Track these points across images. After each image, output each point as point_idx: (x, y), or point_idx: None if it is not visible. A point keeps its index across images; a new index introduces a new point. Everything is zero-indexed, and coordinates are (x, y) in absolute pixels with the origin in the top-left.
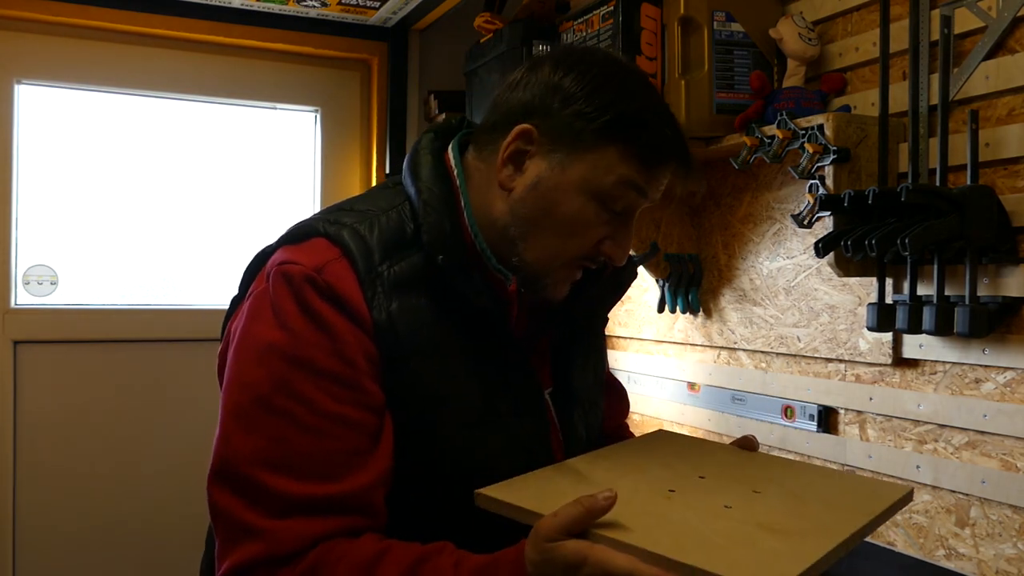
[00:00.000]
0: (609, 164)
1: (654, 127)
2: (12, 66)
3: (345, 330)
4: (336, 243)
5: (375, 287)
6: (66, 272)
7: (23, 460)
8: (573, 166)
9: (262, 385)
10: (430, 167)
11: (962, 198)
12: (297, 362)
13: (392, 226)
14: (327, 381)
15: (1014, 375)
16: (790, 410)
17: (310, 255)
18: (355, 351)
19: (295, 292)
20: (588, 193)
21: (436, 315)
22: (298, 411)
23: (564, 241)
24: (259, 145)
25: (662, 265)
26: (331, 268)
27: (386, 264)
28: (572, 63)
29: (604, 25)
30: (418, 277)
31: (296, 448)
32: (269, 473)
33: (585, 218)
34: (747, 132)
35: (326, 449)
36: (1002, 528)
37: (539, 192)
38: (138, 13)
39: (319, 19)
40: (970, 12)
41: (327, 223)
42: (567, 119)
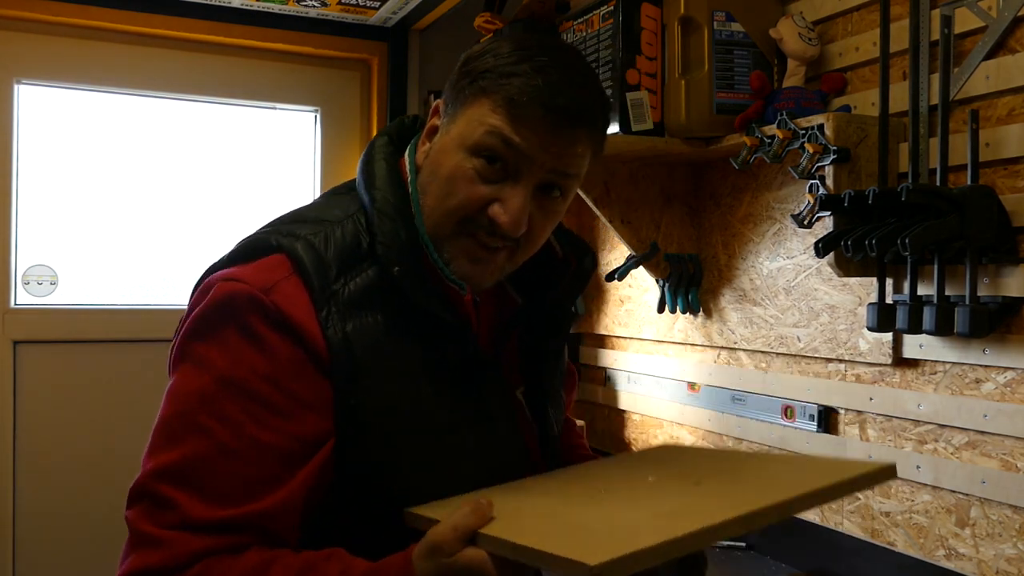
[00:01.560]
0: (480, 116)
1: (524, 76)
2: (12, 66)
3: (288, 356)
4: (290, 257)
5: (329, 306)
6: (66, 272)
7: (23, 460)
8: (455, 124)
9: (191, 400)
10: (384, 174)
11: (962, 198)
12: (228, 383)
13: (347, 238)
14: (256, 405)
15: (1014, 375)
16: (790, 410)
17: (259, 273)
18: (294, 378)
19: (236, 312)
20: (464, 149)
21: (394, 331)
22: (219, 431)
23: (447, 198)
24: (259, 145)
25: (662, 265)
26: (282, 288)
27: (341, 280)
28: (495, 38)
29: (604, 25)
30: (374, 292)
31: (207, 467)
32: (175, 488)
33: (462, 173)
34: (747, 132)
35: (238, 473)
36: (1002, 528)
37: (432, 158)
38: (138, 13)
39: (319, 19)
40: (970, 12)
41: (279, 235)
42: (455, 83)
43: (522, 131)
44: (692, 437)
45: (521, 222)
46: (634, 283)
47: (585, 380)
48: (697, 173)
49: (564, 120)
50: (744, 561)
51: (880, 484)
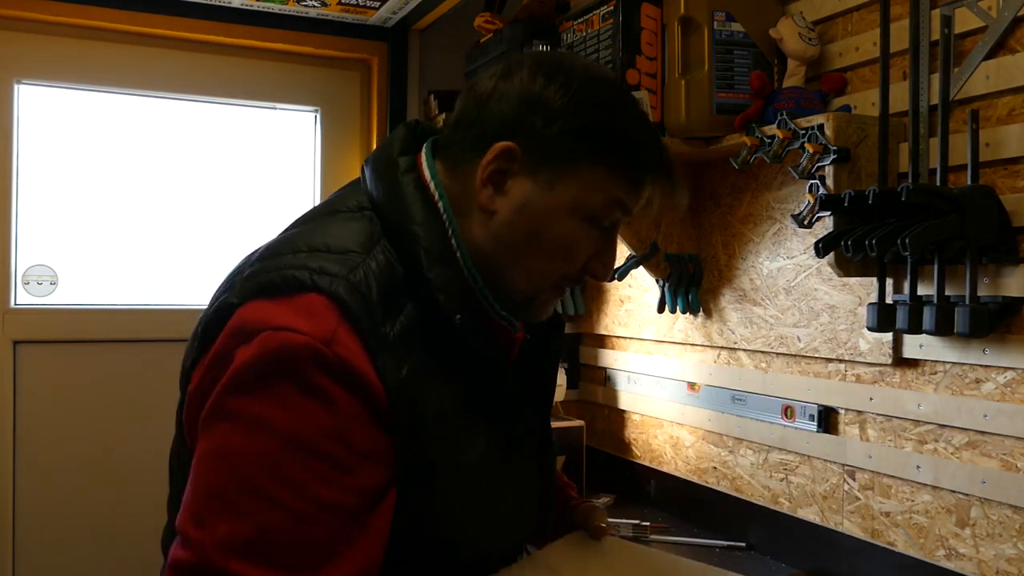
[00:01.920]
0: (598, 183)
1: (642, 146)
2: (12, 66)
3: (352, 411)
4: (334, 300)
5: (383, 353)
6: (66, 272)
7: (23, 460)
8: (562, 186)
9: (248, 464)
10: (420, 204)
11: (962, 198)
12: (292, 442)
13: (383, 274)
14: (322, 464)
15: (1014, 375)
16: (790, 410)
17: (310, 320)
18: (358, 432)
19: (296, 366)
20: (578, 214)
21: (441, 371)
22: (285, 496)
23: (555, 264)
24: (259, 145)
25: (662, 265)
26: (339, 338)
27: (388, 324)
28: (551, 72)
29: (604, 25)
30: (416, 330)
31: (278, 537)
32: (244, 564)
33: (576, 239)
34: (747, 132)
35: (310, 538)
36: (1002, 528)
37: (526, 215)
38: (138, 13)
39: (319, 19)
40: (970, 12)
41: (311, 272)
42: (552, 137)
43: (635, 197)
44: (692, 437)
45: (612, 271)
46: (634, 283)
47: (585, 380)
48: (697, 173)
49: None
50: (744, 561)
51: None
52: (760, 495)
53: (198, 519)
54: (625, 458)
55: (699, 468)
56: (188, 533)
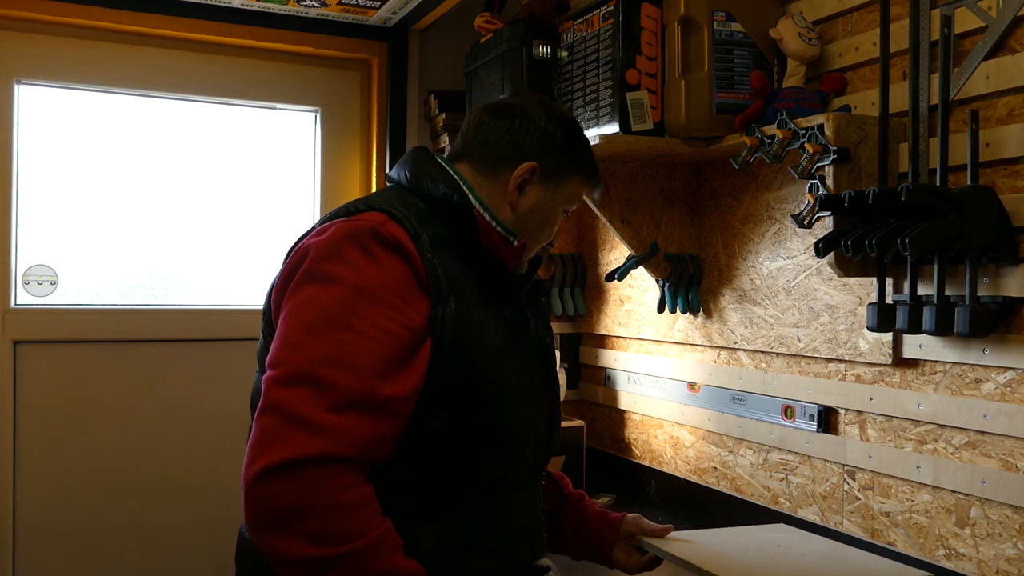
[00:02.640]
0: (577, 189)
1: (595, 164)
2: (12, 66)
3: (400, 272)
4: (383, 212)
5: (420, 241)
6: (66, 272)
7: (23, 460)
8: (559, 192)
9: (331, 306)
10: (436, 169)
11: (962, 198)
12: (360, 291)
13: (416, 208)
14: (383, 306)
15: (1014, 375)
16: (790, 410)
17: (368, 218)
18: (406, 287)
19: (361, 240)
20: (562, 208)
21: (463, 267)
22: (359, 324)
23: (544, 232)
24: (259, 145)
25: (662, 265)
26: (389, 226)
27: (422, 229)
28: (554, 118)
29: (604, 25)
30: (444, 240)
31: (357, 351)
32: (333, 370)
33: (555, 222)
34: (747, 132)
35: (380, 354)
36: (1002, 528)
37: (537, 211)
38: (138, 13)
39: (319, 19)
40: (970, 12)
41: (363, 205)
42: (556, 162)
43: (591, 195)
44: (692, 437)
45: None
46: (634, 283)
47: (585, 380)
48: (697, 173)
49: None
50: None
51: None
52: (760, 495)
53: (293, 345)
54: (625, 458)
55: (699, 468)
56: (284, 356)
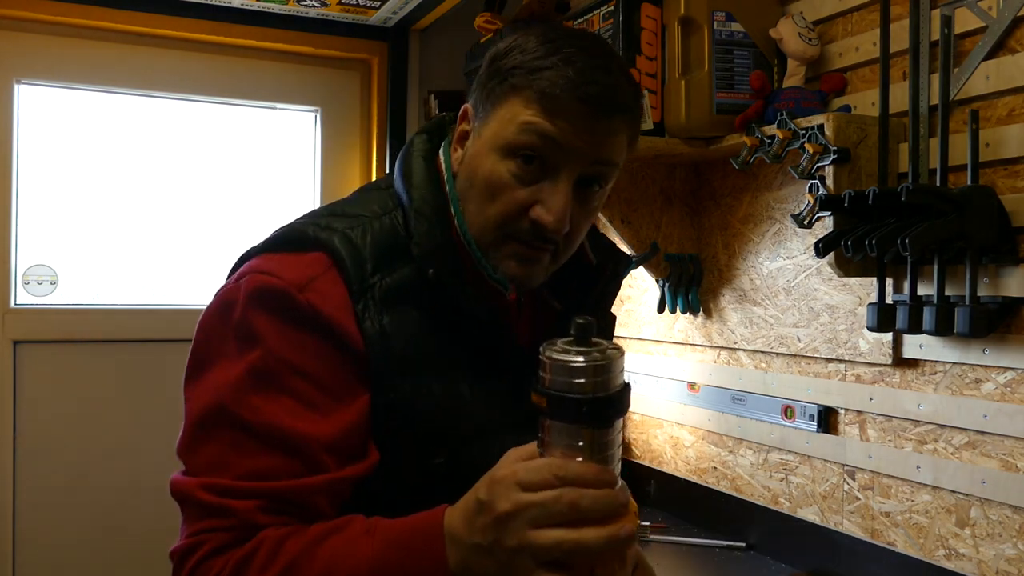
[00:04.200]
0: (513, 114)
1: (554, 68)
2: (12, 66)
3: (318, 351)
4: (327, 251)
5: (367, 300)
6: (66, 272)
7: (23, 460)
8: (487, 127)
9: (222, 393)
10: (422, 172)
11: (962, 198)
12: (261, 373)
13: (385, 233)
14: (289, 398)
15: (1014, 375)
16: (790, 410)
17: (294, 268)
18: (324, 371)
19: (270, 308)
20: (498, 150)
21: (432, 328)
22: (253, 423)
23: (486, 206)
24: (259, 145)
25: (662, 265)
26: (317, 285)
27: (378, 275)
28: (517, 33)
29: (604, 25)
30: (411, 288)
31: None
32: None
33: (499, 177)
34: (747, 132)
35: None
36: (1002, 528)
37: (466, 164)
38: (138, 13)
39: (319, 19)
40: (970, 12)
41: (317, 228)
42: (484, 83)
43: (557, 122)
44: (692, 437)
45: (564, 221)
46: (634, 283)
47: None
48: (697, 173)
49: (600, 108)
50: (744, 561)
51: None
52: (760, 495)
53: (185, 447)
54: (625, 458)
55: (699, 468)
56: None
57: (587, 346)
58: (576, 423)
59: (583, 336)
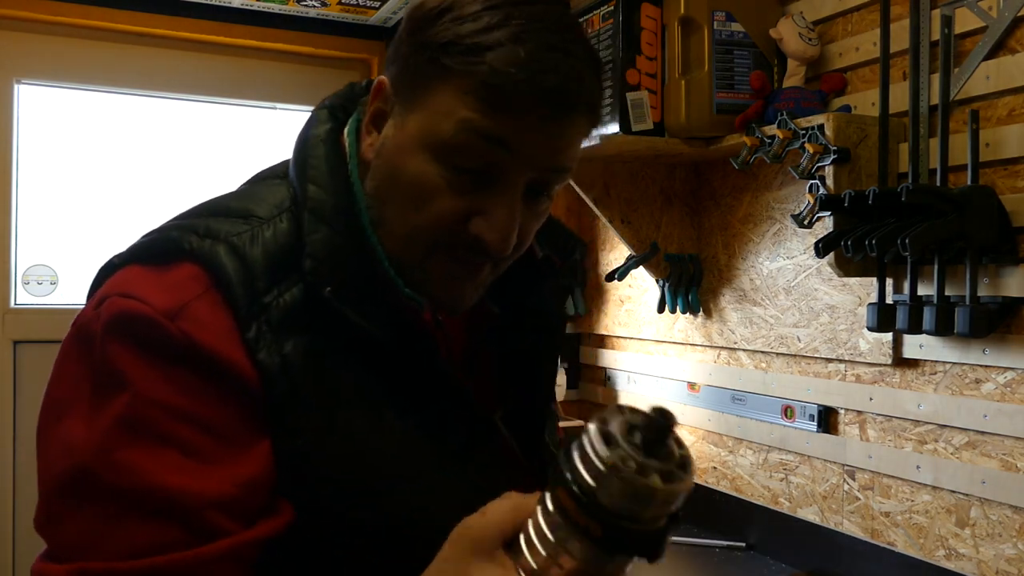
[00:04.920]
0: (447, 106)
1: (500, 48)
2: (12, 66)
3: (207, 393)
4: (207, 269)
5: (259, 325)
6: (66, 272)
7: (23, 460)
8: (413, 115)
9: (86, 454)
10: (322, 161)
11: (962, 198)
12: (130, 426)
13: (280, 239)
14: (169, 449)
15: (1014, 375)
16: (790, 410)
17: (163, 288)
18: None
19: (136, 341)
20: (429, 149)
21: (345, 353)
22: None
23: (410, 215)
24: (259, 145)
25: (662, 265)
26: (192, 311)
27: (274, 292)
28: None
29: (604, 25)
30: (314, 306)
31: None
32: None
33: (428, 181)
34: (747, 132)
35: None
36: (1002, 528)
37: (384, 157)
38: (139, 13)
39: (319, 19)
40: (970, 12)
41: (195, 236)
42: (407, 56)
43: (505, 122)
44: (692, 437)
45: (511, 238)
46: (634, 283)
47: (585, 380)
48: (697, 173)
49: (558, 105)
50: (744, 561)
51: None
52: (760, 495)
53: (43, 521)
54: None
55: (699, 468)
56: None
57: (661, 458)
58: (622, 553)
59: (658, 441)
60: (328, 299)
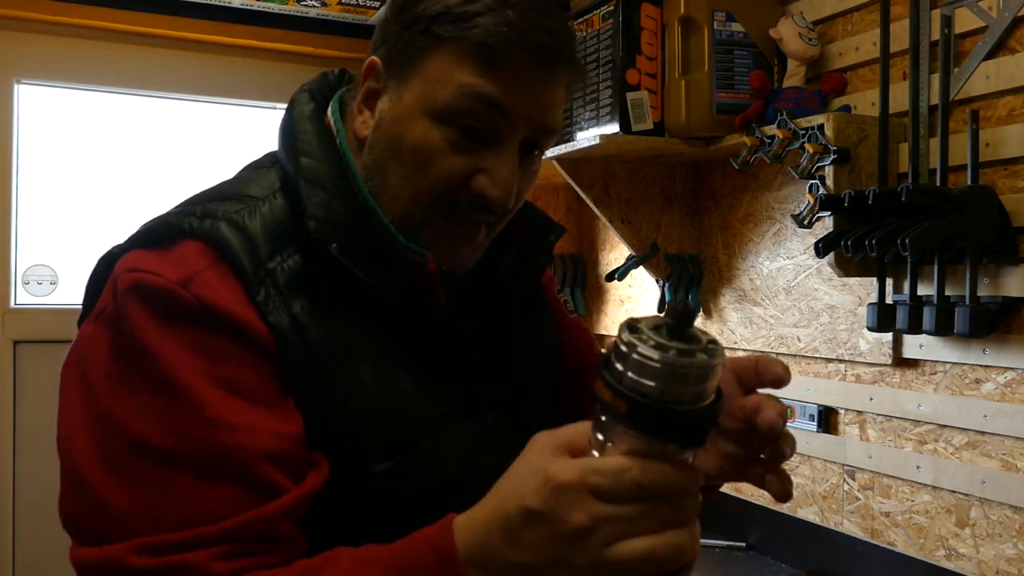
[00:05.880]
0: (443, 73)
1: (489, 12)
2: (12, 66)
3: (233, 352)
4: (210, 244)
5: (267, 289)
6: (66, 272)
7: (23, 460)
8: (409, 87)
9: (132, 428)
10: (311, 138)
11: (962, 198)
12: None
13: (276, 215)
14: (217, 413)
15: (1014, 375)
16: (790, 410)
17: (172, 265)
18: (249, 376)
19: (157, 311)
20: (429, 116)
21: (352, 312)
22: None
23: (415, 179)
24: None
25: (662, 265)
26: (203, 279)
27: (277, 259)
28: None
29: (604, 25)
30: (317, 271)
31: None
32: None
33: (431, 145)
34: (747, 132)
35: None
36: (1002, 528)
37: (383, 130)
38: (139, 13)
39: (319, 19)
40: (970, 12)
41: (193, 218)
42: (397, 34)
43: (501, 83)
44: None
45: (512, 192)
46: (634, 283)
47: None
48: (697, 173)
49: (547, 60)
50: (744, 561)
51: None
52: (760, 495)
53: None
54: None
55: None
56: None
57: (686, 341)
58: (663, 438)
59: (682, 327)
60: (333, 257)
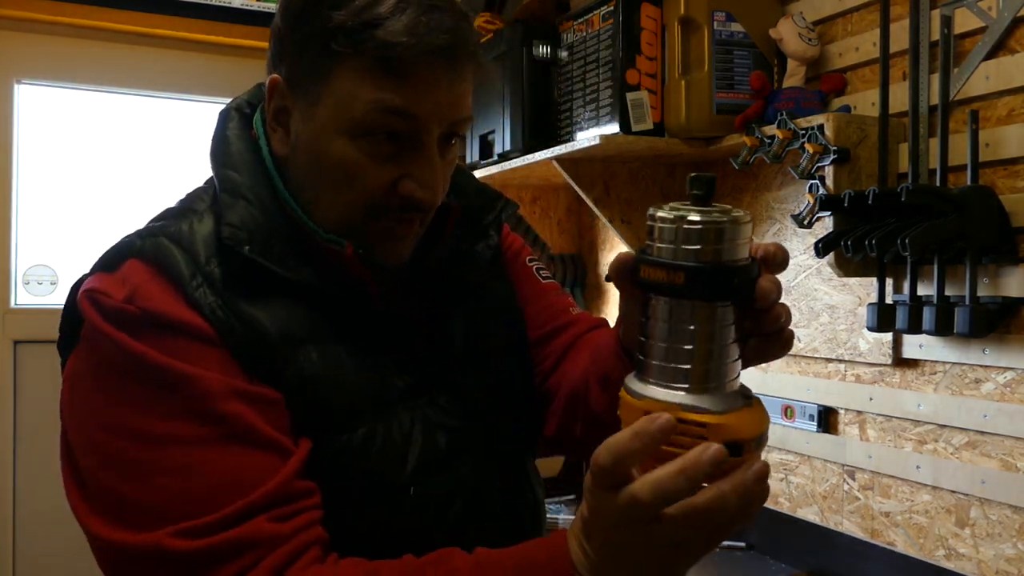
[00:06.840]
0: (350, 90)
1: (386, 20)
2: (12, 66)
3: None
4: (149, 260)
5: (204, 289)
6: (66, 272)
7: (23, 460)
8: (319, 106)
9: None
10: (236, 151)
11: (962, 198)
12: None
13: (215, 226)
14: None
15: (1014, 375)
16: (790, 410)
17: (118, 284)
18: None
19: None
20: (345, 133)
21: (291, 304)
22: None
23: (344, 193)
24: None
25: None
26: (142, 291)
27: (215, 261)
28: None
29: (604, 25)
30: (248, 271)
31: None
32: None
33: (352, 162)
34: (747, 132)
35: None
36: (1002, 528)
37: (301, 150)
38: (138, 13)
39: None
40: (970, 12)
41: (138, 239)
42: (297, 53)
43: (408, 91)
44: None
45: (439, 190)
46: None
47: None
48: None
49: (449, 59)
50: (744, 561)
51: None
52: None
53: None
54: None
55: None
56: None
57: (711, 207)
58: (723, 298)
59: (708, 195)
60: (251, 258)
